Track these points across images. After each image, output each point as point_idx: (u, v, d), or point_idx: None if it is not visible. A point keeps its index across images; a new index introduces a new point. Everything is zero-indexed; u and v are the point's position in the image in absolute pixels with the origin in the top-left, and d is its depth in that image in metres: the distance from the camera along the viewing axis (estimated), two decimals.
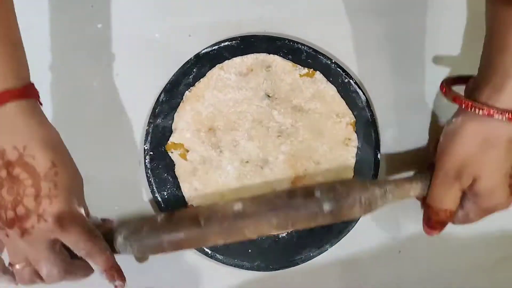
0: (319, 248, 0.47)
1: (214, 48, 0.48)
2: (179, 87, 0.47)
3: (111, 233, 0.40)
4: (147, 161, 0.47)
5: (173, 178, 0.47)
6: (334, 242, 0.47)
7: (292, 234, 0.47)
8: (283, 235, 0.47)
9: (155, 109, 0.47)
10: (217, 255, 0.47)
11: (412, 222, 0.49)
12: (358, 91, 0.48)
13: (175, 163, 0.47)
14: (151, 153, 0.47)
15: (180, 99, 0.47)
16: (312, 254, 0.47)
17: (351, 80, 0.48)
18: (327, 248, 0.47)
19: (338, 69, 0.48)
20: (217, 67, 0.48)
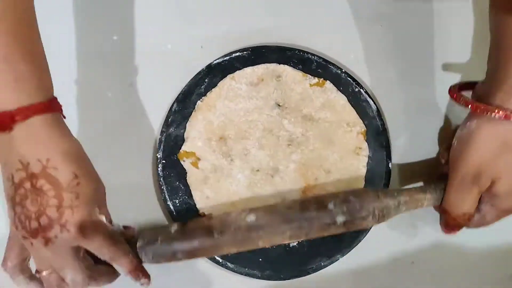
0: (330, 258, 0.47)
1: (225, 58, 0.48)
2: (191, 97, 0.48)
3: (133, 240, 0.41)
4: (159, 169, 0.47)
5: (185, 186, 0.47)
6: (346, 252, 0.47)
7: (303, 244, 0.47)
8: (294, 244, 0.47)
9: (167, 118, 0.48)
10: (228, 263, 0.47)
11: (425, 233, 0.48)
12: (369, 100, 0.48)
13: (186, 171, 0.47)
14: (164, 161, 0.47)
15: (192, 108, 0.48)
16: (323, 264, 0.47)
17: (362, 89, 0.48)
18: (338, 258, 0.47)
19: (348, 78, 0.48)
20: (229, 77, 0.48)
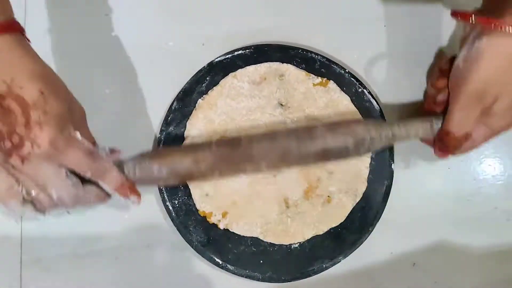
0: (332, 260, 0.47)
1: (227, 56, 0.48)
2: (192, 95, 0.47)
3: (119, 163, 0.39)
4: None
5: (184, 186, 0.47)
6: (347, 253, 0.47)
7: (305, 245, 0.47)
8: (295, 246, 0.47)
9: (167, 116, 0.47)
10: (228, 265, 0.46)
11: (426, 235, 0.48)
12: (372, 100, 0.48)
13: None
14: None
15: (192, 107, 0.47)
16: (324, 266, 0.47)
17: (365, 90, 0.48)
18: (340, 259, 0.47)
19: (352, 78, 0.48)
20: (230, 75, 0.48)
